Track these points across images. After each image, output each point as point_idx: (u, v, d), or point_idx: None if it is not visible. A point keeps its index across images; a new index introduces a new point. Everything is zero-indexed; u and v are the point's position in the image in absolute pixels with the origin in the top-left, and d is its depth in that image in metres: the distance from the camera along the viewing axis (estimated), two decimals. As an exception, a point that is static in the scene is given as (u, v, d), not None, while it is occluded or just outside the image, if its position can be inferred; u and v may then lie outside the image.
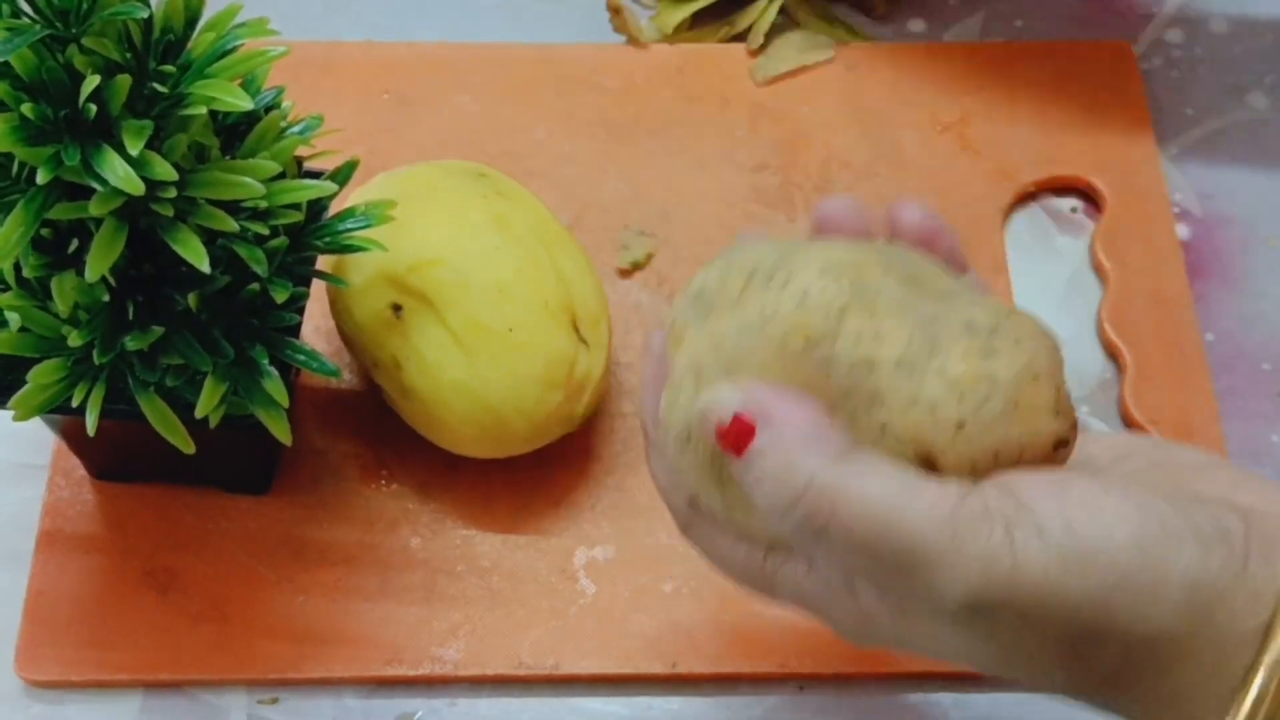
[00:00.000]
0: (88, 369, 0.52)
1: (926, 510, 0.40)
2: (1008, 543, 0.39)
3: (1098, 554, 0.39)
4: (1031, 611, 0.39)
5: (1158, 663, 0.40)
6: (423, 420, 0.59)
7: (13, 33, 0.45)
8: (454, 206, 0.59)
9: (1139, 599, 0.39)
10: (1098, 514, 0.39)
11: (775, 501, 0.41)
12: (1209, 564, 0.39)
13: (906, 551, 0.40)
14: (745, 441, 0.42)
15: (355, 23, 0.75)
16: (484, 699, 0.58)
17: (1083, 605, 0.39)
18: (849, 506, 0.40)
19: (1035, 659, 0.41)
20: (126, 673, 0.57)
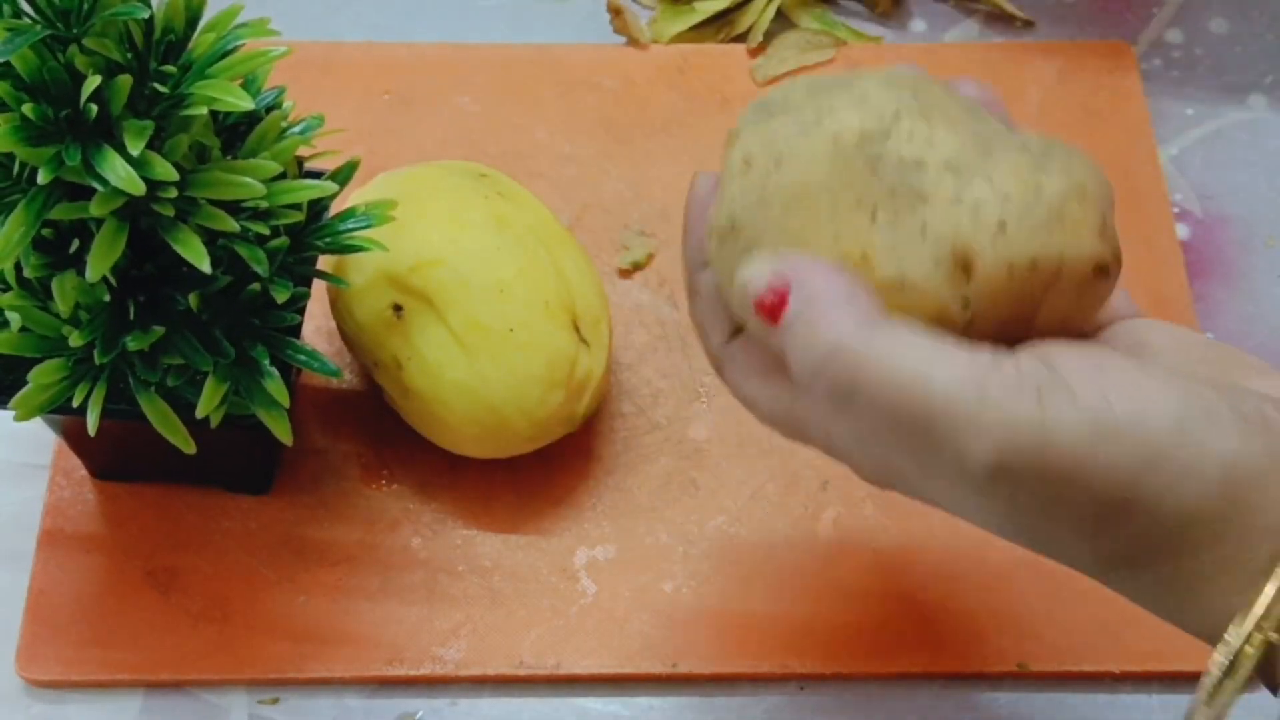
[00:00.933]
0: (88, 369, 0.52)
1: (956, 374, 0.39)
2: (1038, 408, 0.39)
3: (1133, 427, 0.39)
4: (1058, 480, 0.39)
5: (1183, 543, 0.39)
6: (424, 420, 0.59)
7: (14, 33, 0.45)
8: (455, 207, 0.59)
9: (1173, 477, 0.39)
10: (1136, 391, 0.39)
11: (804, 364, 0.42)
12: (1249, 448, 0.39)
13: (933, 415, 0.39)
14: (780, 309, 0.42)
15: (355, 23, 0.75)
16: (485, 699, 0.58)
17: (1112, 478, 0.39)
18: (876, 371, 0.40)
19: (1058, 529, 0.40)
20: (127, 672, 0.57)
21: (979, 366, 0.40)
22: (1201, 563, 0.39)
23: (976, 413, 0.39)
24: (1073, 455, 0.39)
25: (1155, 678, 0.58)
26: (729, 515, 0.61)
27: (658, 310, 0.66)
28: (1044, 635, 0.58)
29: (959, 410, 0.39)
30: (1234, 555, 0.39)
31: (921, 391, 0.39)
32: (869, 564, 0.60)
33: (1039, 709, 0.58)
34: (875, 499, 0.61)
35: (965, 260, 0.41)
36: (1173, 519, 0.39)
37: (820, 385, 0.41)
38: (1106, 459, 0.38)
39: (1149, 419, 0.39)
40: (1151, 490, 0.39)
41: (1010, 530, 0.42)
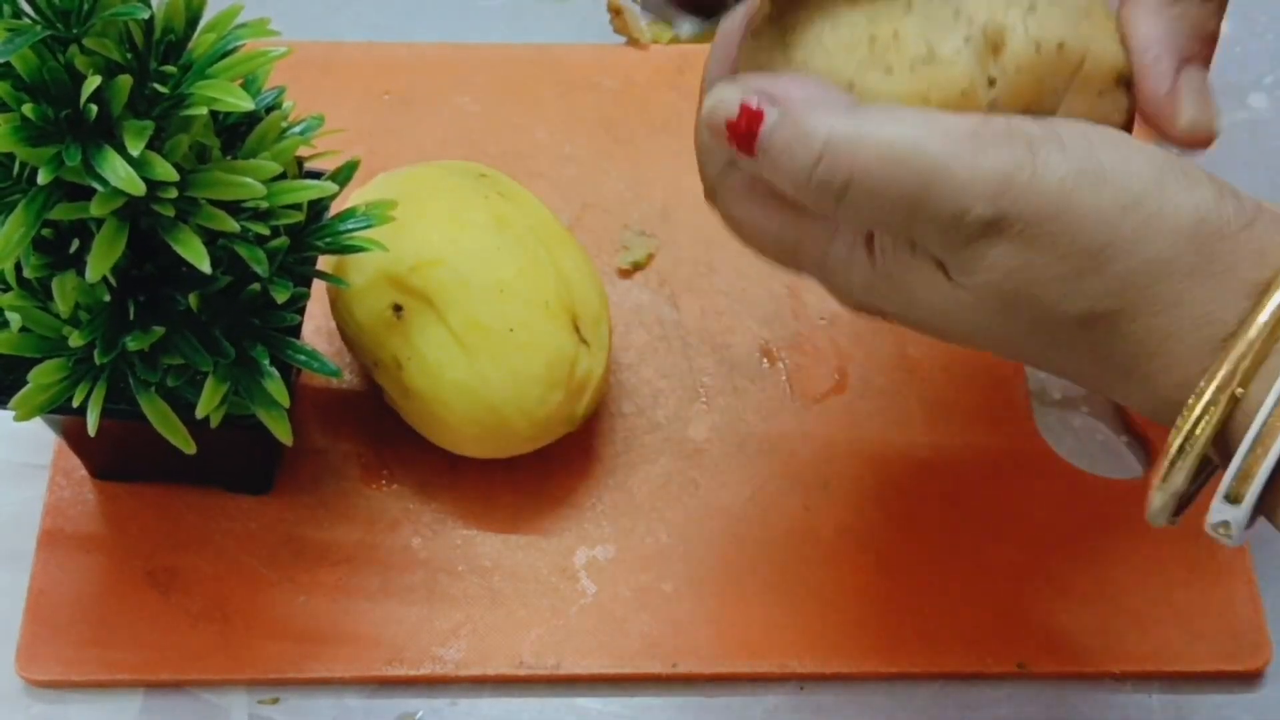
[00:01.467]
0: (88, 369, 0.52)
1: (948, 132, 0.41)
2: (1029, 155, 0.40)
3: (1115, 174, 0.40)
4: (1044, 222, 0.40)
5: (1156, 296, 0.41)
6: (424, 420, 0.59)
7: (14, 33, 0.45)
8: (455, 207, 0.59)
9: (1149, 220, 0.40)
10: (1122, 147, 0.41)
11: (796, 170, 0.42)
12: (1221, 207, 0.41)
13: (928, 173, 0.41)
14: (756, 127, 0.43)
15: (355, 23, 0.75)
16: (485, 699, 0.58)
17: (1094, 218, 0.40)
18: (869, 150, 0.41)
19: (1045, 287, 0.41)
20: (127, 672, 0.57)
21: (971, 124, 0.41)
22: (1171, 320, 0.41)
23: (970, 163, 0.40)
24: (1060, 195, 0.40)
25: (1155, 678, 0.58)
26: (729, 515, 0.61)
27: (658, 310, 0.66)
28: (1044, 635, 0.58)
29: (954, 163, 0.40)
30: (1202, 315, 0.40)
31: (917, 153, 0.41)
32: (869, 564, 0.60)
33: (1039, 709, 0.58)
34: (876, 499, 0.61)
35: (995, 37, 0.43)
36: (1146, 264, 0.40)
37: (812, 187, 0.42)
38: (1092, 201, 0.40)
39: (1131, 169, 0.41)
40: (1129, 233, 0.40)
41: (996, 308, 0.42)
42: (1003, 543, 0.60)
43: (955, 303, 0.43)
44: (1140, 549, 0.60)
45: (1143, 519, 0.61)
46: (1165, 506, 0.42)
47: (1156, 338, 0.41)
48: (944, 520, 0.61)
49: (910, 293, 0.44)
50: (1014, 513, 0.61)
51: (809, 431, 0.63)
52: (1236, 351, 0.40)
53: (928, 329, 0.45)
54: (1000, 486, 0.61)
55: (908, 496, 0.61)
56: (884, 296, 0.45)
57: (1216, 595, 0.59)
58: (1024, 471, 0.62)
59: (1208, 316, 0.41)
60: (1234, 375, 0.40)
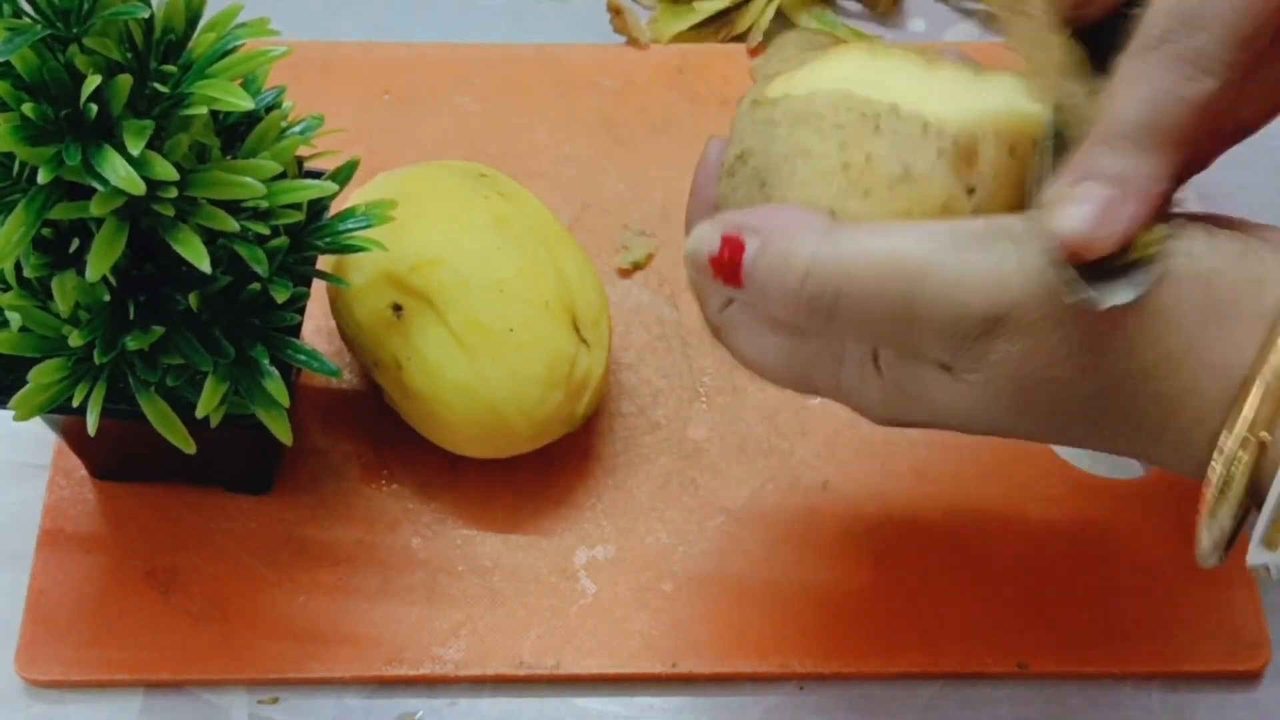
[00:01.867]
0: (88, 369, 0.52)
1: (931, 235, 0.41)
2: (1014, 247, 0.40)
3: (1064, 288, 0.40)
4: (1043, 309, 0.40)
5: (1167, 353, 0.40)
6: (424, 420, 0.59)
7: (14, 33, 0.45)
8: (454, 207, 0.59)
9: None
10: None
11: (785, 293, 0.42)
12: (1215, 247, 0.41)
13: (916, 275, 0.40)
14: (739, 257, 0.43)
15: (355, 23, 0.75)
16: (485, 699, 0.58)
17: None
18: (853, 261, 0.41)
19: (1045, 375, 0.41)
20: (127, 672, 0.57)
21: (952, 228, 0.41)
22: (1188, 373, 0.40)
23: (959, 261, 0.40)
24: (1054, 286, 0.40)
25: (1155, 678, 0.58)
26: (729, 515, 0.61)
27: (658, 310, 0.66)
28: (1044, 635, 0.58)
29: (943, 264, 0.40)
30: (1217, 359, 0.40)
31: (902, 258, 0.41)
32: (869, 564, 0.60)
33: (1039, 709, 0.58)
34: (876, 499, 0.61)
35: (968, 147, 0.43)
36: (1154, 325, 0.40)
37: (803, 307, 0.42)
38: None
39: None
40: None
41: (1013, 399, 0.42)
42: (1003, 543, 0.60)
43: (972, 401, 0.42)
44: (1140, 549, 0.60)
45: (1143, 519, 0.61)
46: (1215, 547, 0.41)
47: (1176, 394, 0.40)
48: (944, 520, 0.61)
49: (928, 401, 0.43)
50: (1014, 513, 0.61)
51: (809, 431, 0.63)
52: (1254, 396, 0.39)
53: (962, 430, 0.44)
54: (1000, 486, 0.61)
55: (908, 496, 0.61)
56: (905, 410, 0.44)
57: (1216, 595, 0.59)
58: (1024, 471, 0.62)
59: (1221, 362, 0.40)
60: (1255, 420, 0.39)
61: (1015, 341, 0.41)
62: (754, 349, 0.46)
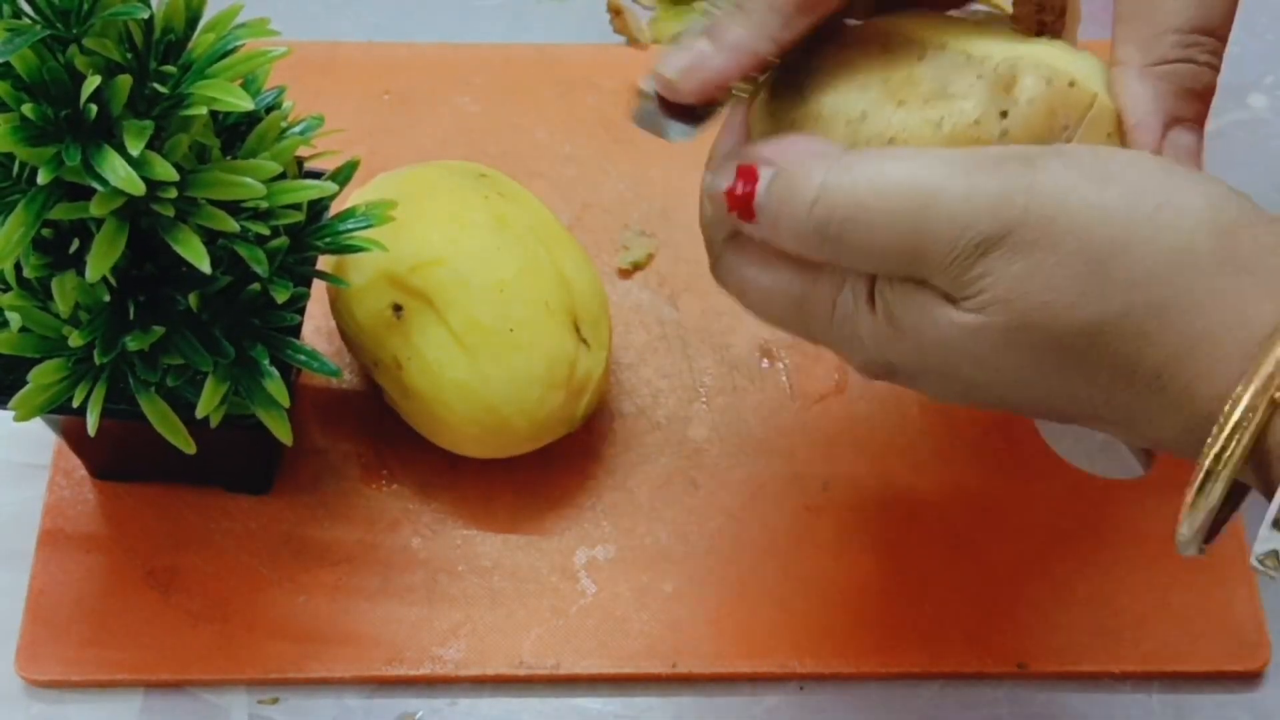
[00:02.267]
0: (88, 369, 0.52)
1: (943, 160, 0.41)
2: (1026, 168, 0.40)
3: (1122, 173, 0.40)
4: (1046, 226, 0.40)
5: (1182, 293, 0.39)
6: (424, 420, 0.59)
7: (14, 33, 0.45)
8: (455, 207, 0.59)
9: (1161, 210, 0.39)
10: (1127, 153, 0.41)
11: (794, 219, 0.42)
12: (1237, 199, 0.40)
13: (924, 197, 0.40)
14: (752, 187, 0.44)
15: (355, 23, 0.75)
16: (485, 699, 0.58)
17: (1100, 214, 0.39)
18: (863, 185, 0.41)
19: (1043, 309, 0.40)
20: (127, 672, 0.57)
21: (963, 153, 0.41)
22: (1205, 319, 0.39)
23: (967, 184, 0.40)
24: (1060, 197, 0.40)
25: (1155, 677, 0.58)
26: (729, 515, 0.61)
27: (658, 310, 0.66)
28: (1044, 635, 0.58)
29: (951, 186, 0.40)
30: (1239, 310, 0.39)
31: (911, 181, 0.41)
32: (869, 564, 0.60)
33: (1039, 709, 0.58)
34: (876, 499, 0.61)
35: (1008, 73, 0.44)
36: (1169, 258, 0.39)
37: (812, 235, 0.42)
38: (1097, 198, 0.40)
39: (1139, 168, 0.40)
40: (1143, 224, 0.39)
41: (1006, 331, 0.41)
42: (1003, 543, 0.60)
43: (963, 334, 0.42)
44: (1140, 549, 0.60)
45: (1143, 518, 0.61)
46: (1196, 534, 0.40)
47: (1188, 342, 0.39)
48: (944, 520, 0.61)
49: (918, 335, 0.43)
50: (1014, 513, 0.61)
51: (809, 431, 0.63)
52: (1276, 355, 0.38)
53: (938, 379, 0.44)
54: (1000, 486, 0.61)
55: (908, 496, 0.61)
56: (892, 345, 0.44)
57: (1216, 595, 0.59)
58: (1024, 471, 0.62)
59: (1243, 315, 0.39)
60: (1275, 378, 0.37)
61: (1014, 260, 0.40)
62: (752, 281, 0.46)
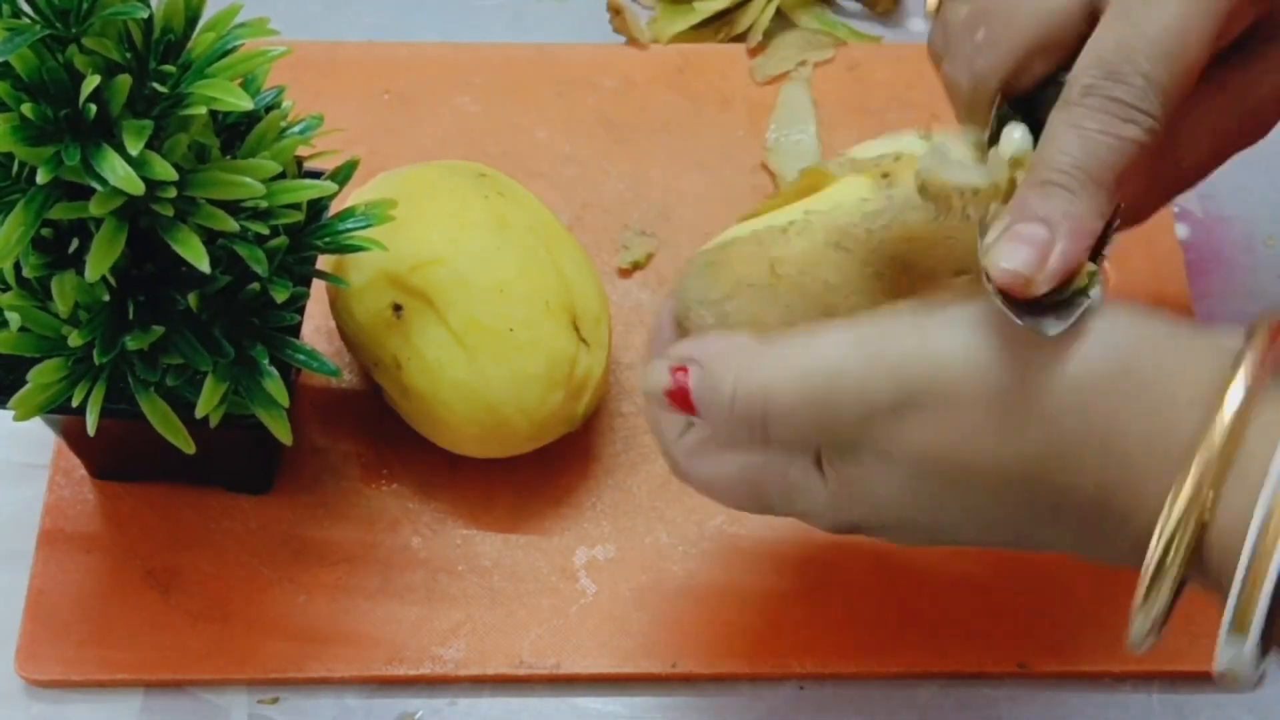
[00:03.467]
0: (88, 369, 0.52)
1: (835, 342, 0.43)
2: (916, 332, 0.42)
3: (1009, 320, 0.41)
4: (944, 382, 0.41)
5: (1093, 427, 0.40)
6: (423, 420, 0.59)
7: (13, 33, 0.45)
8: (454, 206, 0.59)
9: (1057, 350, 0.40)
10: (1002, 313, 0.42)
11: (720, 415, 0.45)
12: (1134, 322, 0.41)
13: (828, 379, 0.43)
14: (686, 386, 0.46)
15: (355, 23, 0.75)
16: (485, 698, 0.58)
17: (997, 362, 0.41)
18: (773, 382, 0.44)
19: (971, 445, 0.42)
20: (127, 672, 0.57)
21: (854, 326, 0.43)
22: (1122, 448, 0.40)
23: (865, 358, 0.42)
24: (954, 354, 0.41)
25: (1155, 677, 0.58)
26: (729, 515, 0.61)
27: (658, 310, 0.65)
28: (1044, 635, 0.58)
29: (850, 365, 0.42)
30: (1153, 432, 0.40)
31: (812, 374, 0.43)
32: (869, 564, 0.60)
33: (1039, 709, 0.58)
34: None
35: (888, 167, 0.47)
36: (1072, 396, 0.40)
37: (739, 426, 0.45)
38: (989, 350, 0.41)
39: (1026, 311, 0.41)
40: (1039, 367, 0.41)
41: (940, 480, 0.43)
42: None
43: (905, 488, 0.44)
44: (1140, 549, 0.60)
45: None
46: (1147, 635, 0.42)
47: (1115, 466, 0.40)
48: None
49: (869, 495, 0.45)
50: (1014, 512, 0.61)
51: (809, 431, 0.63)
52: (1197, 468, 0.38)
53: (901, 531, 0.46)
54: (1000, 486, 0.61)
55: (908, 496, 0.61)
56: (850, 509, 0.46)
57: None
58: (1024, 471, 0.62)
59: (1158, 436, 0.40)
60: (1201, 492, 0.39)
61: (927, 418, 0.42)
62: (710, 473, 0.49)
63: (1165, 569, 0.40)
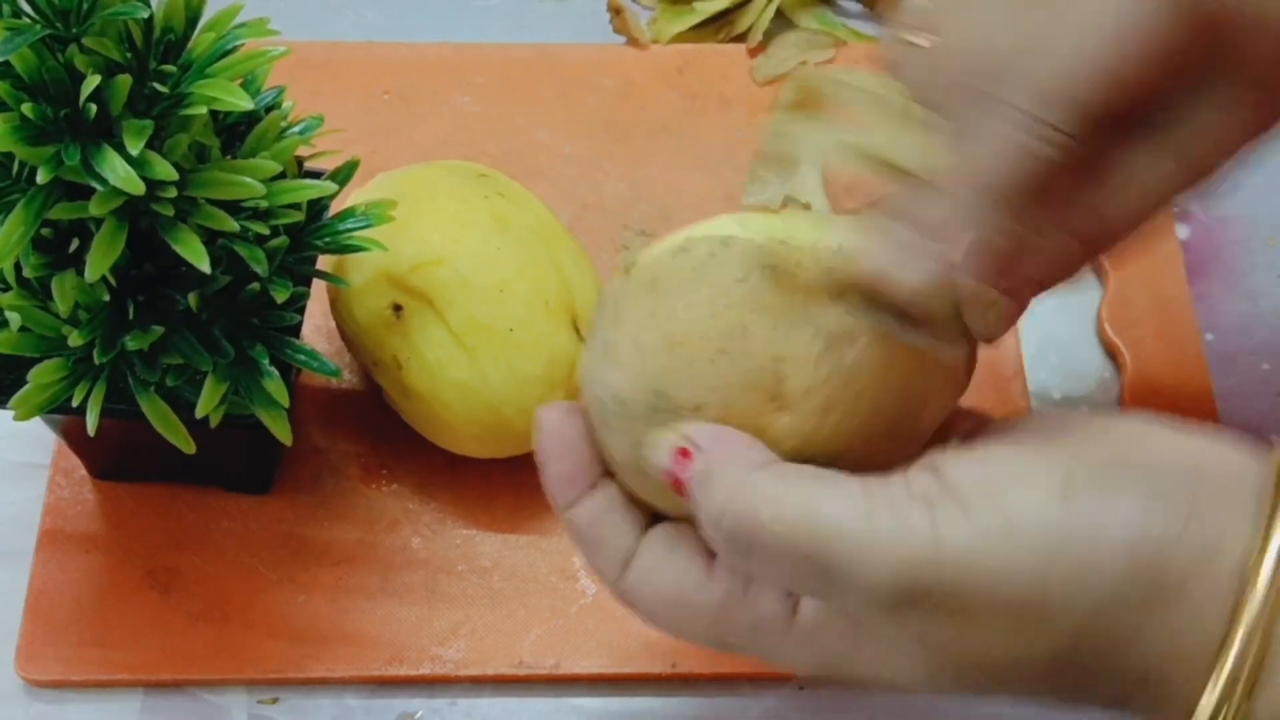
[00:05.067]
0: (88, 369, 0.52)
1: (843, 501, 0.39)
2: (927, 521, 0.38)
3: (1026, 524, 0.38)
4: (961, 593, 0.38)
5: (1115, 640, 0.38)
6: (423, 420, 0.59)
7: (13, 32, 0.45)
8: (455, 206, 0.59)
9: (1077, 566, 0.37)
10: (1026, 483, 0.38)
11: (707, 520, 0.40)
12: (1149, 516, 0.38)
13: (825, 550, 0.38)
14: (686, 473, 0.41)
15: (355, 23, 0.75)
16: (485, 699, 0.58)
17: (1015, 580, 0.38)
18: (765, 516, 0.39)
19: (984, 658, 0.39)
20: (127, 672, 0.57)
21: (867, 491, 0.39)
22: (1142, 655, 0.38)
23: (866, 535, 0.38)
24: (970, 562, 0.38)
25: (1155, 678, 0.58)
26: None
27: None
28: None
29: (849, 536, 0.38)
30: (1174, 642, 0.38)
31: (809, 526, 0.39)
32: (869, 564, 0.60)
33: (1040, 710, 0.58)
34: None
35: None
36: (1091, 611, 0.38)
37: (723, 541, 0.40)
38: (1006, 562, 0.38)
39: (1043, 513, 0.38)
40: (1059, 585, 0.38)
41: (945, 678, 0.40)
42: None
43: (907, 669, 0.40)
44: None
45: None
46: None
47: (1134, 676, 0.38)
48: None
49: (853, 660, 0.41)
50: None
51: (809, 431, 0.63)
52: (1223, 679, 0.37)
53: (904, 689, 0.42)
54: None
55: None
56: (826, 664, 0.42)
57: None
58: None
59: (1180, 645, 0.38)
60: (1230, 700, 0.37)
61: (937, 626, 0.39)
62: (664, 595, 0.43)
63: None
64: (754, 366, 0.41)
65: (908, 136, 0.43)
